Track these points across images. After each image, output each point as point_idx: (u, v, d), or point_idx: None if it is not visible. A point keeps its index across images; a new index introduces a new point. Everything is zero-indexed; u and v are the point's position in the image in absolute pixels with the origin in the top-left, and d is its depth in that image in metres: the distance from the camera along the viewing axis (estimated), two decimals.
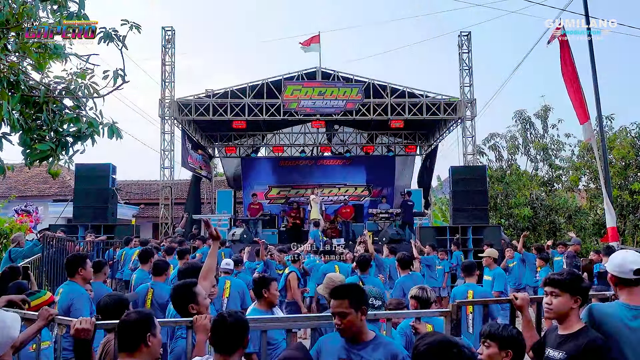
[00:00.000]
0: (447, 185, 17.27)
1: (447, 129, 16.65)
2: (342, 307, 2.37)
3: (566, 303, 2.43)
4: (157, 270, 5.04)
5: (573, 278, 2.45)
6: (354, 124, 18.08)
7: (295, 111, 14.61)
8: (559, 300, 2.44)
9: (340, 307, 2.38)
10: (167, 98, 14.81)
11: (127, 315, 2.33)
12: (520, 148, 18.22)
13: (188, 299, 2.83)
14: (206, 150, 18.24)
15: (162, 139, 14.81)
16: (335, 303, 2.40)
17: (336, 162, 19.19)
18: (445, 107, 14.90)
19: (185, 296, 2.84)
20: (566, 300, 2.43)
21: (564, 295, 2.43)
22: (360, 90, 14.52)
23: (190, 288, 2.88)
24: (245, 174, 18.77)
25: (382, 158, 19.03)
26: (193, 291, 2.86)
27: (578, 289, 2.43)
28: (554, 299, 2.44)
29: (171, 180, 15.01)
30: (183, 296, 2.85)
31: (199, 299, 2.84)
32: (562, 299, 2.43)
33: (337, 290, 2.46)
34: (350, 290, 2.46)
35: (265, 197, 18.59)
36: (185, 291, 2.87)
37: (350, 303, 2.38)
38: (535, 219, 15.81)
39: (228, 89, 14.83)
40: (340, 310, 2.37)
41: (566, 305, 2.43)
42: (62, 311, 3.67)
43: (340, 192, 18.82)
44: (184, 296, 2.85)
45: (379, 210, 15.07)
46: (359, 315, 2.38)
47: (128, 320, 2.28)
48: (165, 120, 14.87)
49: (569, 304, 2.43)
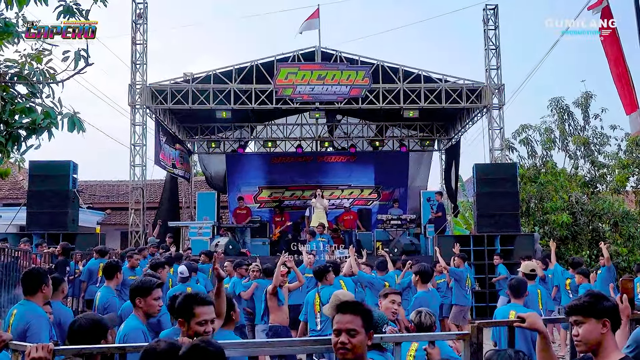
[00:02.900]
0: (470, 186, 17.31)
1: (470, 120, 16.66)
2: (353, 324, 2.39)
3: (593, 330, 2.46)
4: (107, 272, 5.22)
5: (593, 299, 2.50)
6: (359, 113, 18.01)
7: (290, 98, 14.60)
8: (584, 328, 2.47)
9: (352, 323, 2.39)
10: (139, 83, 14.79)
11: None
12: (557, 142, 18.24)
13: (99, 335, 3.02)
14: (184, 144, 18.25)
15: (132, 131, 14.78)
16: (346, 318, 2.41)
17: (339, 158, 19.19)
18: (468, 93, 14.91)
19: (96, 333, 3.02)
20: (592, 326, 2.46)
21: (589, 321, 2.47)
22: (367, 73, 14.51)
23: (105, 328, 3.08)
24: (231, 173, 18.78)
25: (393, 154, 18.99)
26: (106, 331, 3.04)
27: (603, 310, 2.47)
28: (580, 329, 2.49)
29: (143, 181, 15.01)
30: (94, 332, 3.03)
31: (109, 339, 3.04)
32: (587, 325, 2.47)
33: (349, 304, 2.49)
34: (364, 308, 2.50)
35: (254, 200, 18.62)
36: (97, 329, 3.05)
37: (363, 322, 2.41)
38: (575, 226, 15.81)
39: (210, 73, 14.82)
40: (352, 327, 2.38)
41: (594, 332, 2.46)
42: (17, 335, 3.68)
43: (343, 195, 18.86)
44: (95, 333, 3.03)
45: (389, 216, 15.16)
46: (366, 339, 2.41)
47: None
48: (135, 109, 14.80)
49: (597, 329, 2.46)
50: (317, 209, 14.10)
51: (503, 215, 12.13)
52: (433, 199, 15.10)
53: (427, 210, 15.37)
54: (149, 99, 14.78)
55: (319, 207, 14.10)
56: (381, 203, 18.64)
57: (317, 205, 14.13)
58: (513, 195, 12.34)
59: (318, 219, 13.79)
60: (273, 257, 12.04)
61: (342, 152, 19.29)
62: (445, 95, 14.83)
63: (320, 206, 14.10)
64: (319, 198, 14.31)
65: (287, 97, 14.58)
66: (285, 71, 14.46)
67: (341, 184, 18.92)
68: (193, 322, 2.93)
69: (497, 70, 15.07)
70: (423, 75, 14.95)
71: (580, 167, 18.20)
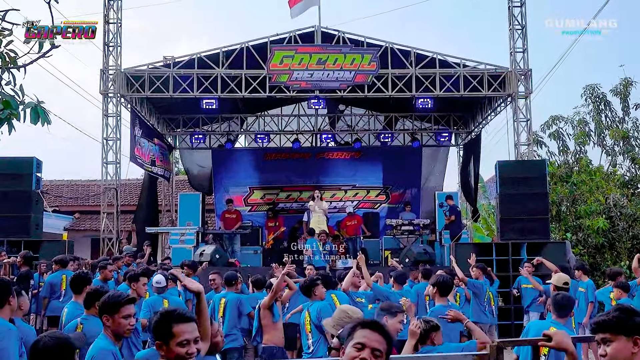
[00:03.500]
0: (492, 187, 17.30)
1: (492, 111, 16.70)
2: (381, 346, 2.46)
3: (623, 348, 2.50)
4: (75, 285, 5.27)
5: (623, 314, 2.54)
6: (365, 103, 18.07)
7: (286, 86, 14.53)
8: (613, 347, 2.51)
9: (381, 344, 2.47)
10: (112, 68, 14.76)
11: None
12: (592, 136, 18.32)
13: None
14: (164, 139, 18.27)
15: (104, 123, 14.77)
16: (376, 337, 2.48)
17: (342, 155, 19.22)
18: (490, 80, 14.89)
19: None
20: (622, 344, 2.51)
21: (618, 339, 2.51)
22: (374, 57, 14.43)
23: (72, 348, 3.12)
24: (218, 172, 18.81)
25: (404, 150, 19.04)
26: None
27: (634, 327, 2.51)
28: (607, 348, 2.53)
29: (117, 181, 15.00)
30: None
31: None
32: (616, 344, 2.51)
33: (380, 325, 2.59)
34: (391, 335, 2.57)
35: (244, 202, 18.64)
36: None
37: (388, 348, 2.49)
38: (612, 232, 15.84)
39: (194, 56, 14.86)
40: (379, 348, 2.46)
41: (624, 352, 2.51)
42: None
43: (347, 197, 18.90)
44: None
45: (400, 221, 15.14)
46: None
47: None
48: (108, 98, 14.80)
49: (627, 348, 2.51)
50: (316, 213, 14.12)
51: (530, 220, 12.07)
52: (445, 204, 15.11)
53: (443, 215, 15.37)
54: (124, 86, 14.76)
55: (318, 210, 14.12)
56: (390, 206, 18.69)
57: (316, 208, 14.15)
58: (542, 197, 12.29)
59: (317, 224, 13.85)
60: (266, 268, 12.01)
61: (346, 147, 19.31)
62: (463, 82, 14.77)
63: (320, 210, 14.13)
64: (318, 200, 14.34)
65: (282, 85, 14.50)
66: (280, 54, 14.38)
67: (344, 184, 18.96)
68: (173, 344, 2.83)
69: (523, 54, 15.08)
70: (438, 59, 14.90)
71: (618, 165, 18.31)
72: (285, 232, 16.47)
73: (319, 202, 14.29)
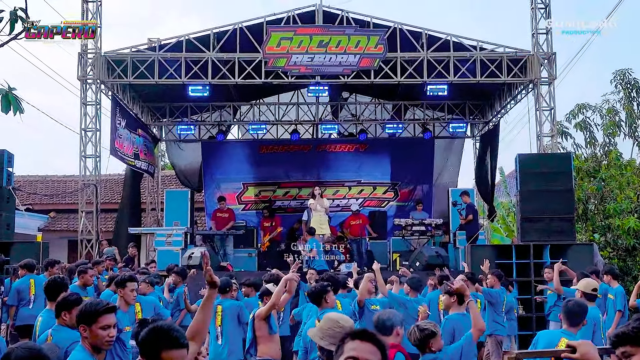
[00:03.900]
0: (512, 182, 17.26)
1: (512, 98, 16.74)
2: (374, 357, 2.46)
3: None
4: (50, 291, 5.30)
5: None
6: (372, 90, 18.06)
7: (284, 71, 14.72)
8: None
9: (374, 355, 2.46)
10: (91, 51, 14.74)
11: None
12: (622, 127, 18.22)
13: None
14: (149, 130, 18.29)
15: (82, 112, 14.84)
16: (368, 347, 2.48)
17: (345, 147, 19.29)
18: (510, 64, 14.97)
19: None
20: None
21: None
22: (381, 39, 14.45)
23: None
24: (208, 166, 18.85)
25: (415, 142, 19.08)
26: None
27: None
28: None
29: (96, 176, 14.99)
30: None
31: None
32: (638, 357, 2.47)
33: (371, 333, 2.57)
34: (384, 344, 2.57)
35: (237, 200, 18.71)
36: None
37: (382, 355, 2.48)
38: None
39: (182, 38, 14.92)
40: (373, 359, 2.46)
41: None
42: None
43: (351, 194, 18.95)
44: None
45: (409, 221, 15.13)
46: None
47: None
48: (87, 84, 14.77)
49: None
50: (317, 212, 14.12)
51: (554, 219, 12.01)
52: (459, 201, 15.03)
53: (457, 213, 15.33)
54: (104, 71, 14.83)
55: (319, 209, 14.13)
56: (399, 204, 18.77)
57: (317, 207, 14.15)
58: (567, 194, 12.23)
59: (318, 224, 13.84)
60: (262, 272, 11.98)
61: (350, 139, 19.35)
62: (480, 67, 14.79)
63: (321, 208, 14.14)
64: (319, 198, 14.32)
65: (279, 70, 14.71)
66: (278, 36, 14.46)
67: (348, 179, 19.04)
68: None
69: (546, 35, 15.19)
70: (452, 42, 15.10)
71: None
72: (283, 233, 16.48)
73: (319, 200, 14.28)
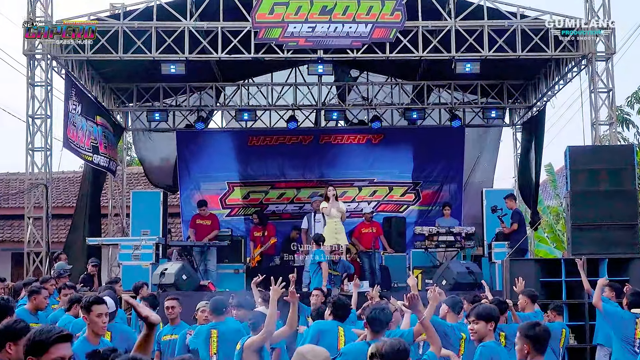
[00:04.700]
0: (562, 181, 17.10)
1: (561, 78, 16.37)
2: None
3: None
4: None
5: None
6: (388, 68, 17.83)
7: (279, 44, 14.36)
8: None
9: None
10: (39, 20, 14.43)
11: None
12: None
13: None
14: (111, 116, 18.08)
15: (29, 95, 14.55)
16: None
17: (355, 138, 19.04)
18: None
19: None
20: None
21: None
22: (399, 4, 14.05)
23: None
24: (185, 162, 18.70)
25: (440, 132, 18.95)
26: None
27: None
28: None
29: (47, 174, 14.83)
30: None
31: None
32: None
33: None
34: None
35: (222, 204, 18.53)
36: None
37: None
38: None
39: (152, 3, 14.44)
40: None
41: None
42: None
43: (361, 196, 18.60)
44: None
45: (434, 229, 14.95)
46: None
47: None
48: (35, 60, 14.61)
49: None
50: (331, 218, 13.41)
51: (613, 227, 12.00)
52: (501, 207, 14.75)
53: (494, 220, 15.06)
54: (56, 44, 14.42)
55: (334, 214, 13.37)
56: (421, 208, 18.54)
57: (332, 212, 13.40)
58: (628, 196, 12.15)
59: (333, 233, 13.15)
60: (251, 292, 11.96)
61: (360, 128, 19.03)
62: (521, 40, 14.48)
63: (337, 213, 13.38)
64: (333, 201, 13.57)
65: (273, 42, 14.32)
66: (271, 1, 14.09)
67: (358, 178, 18.75)
68: None
69: (602, 5, 14.66)
70: (487, 8, 14.56)
71: None
72: (277, 245, 16.29)
73: (334, 203, 13.57)
